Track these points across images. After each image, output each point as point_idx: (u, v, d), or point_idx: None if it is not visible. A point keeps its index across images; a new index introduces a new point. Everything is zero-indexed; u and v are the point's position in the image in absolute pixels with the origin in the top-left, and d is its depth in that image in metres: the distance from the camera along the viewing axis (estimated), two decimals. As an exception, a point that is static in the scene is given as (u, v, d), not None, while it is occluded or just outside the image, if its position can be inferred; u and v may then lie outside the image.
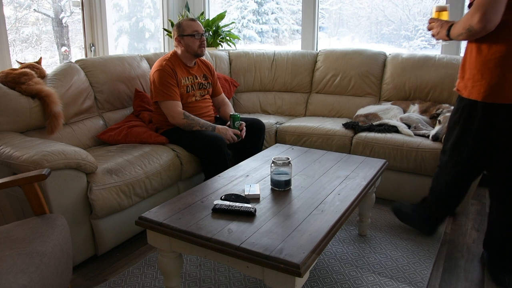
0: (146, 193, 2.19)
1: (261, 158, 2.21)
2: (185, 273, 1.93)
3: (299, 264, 1.20)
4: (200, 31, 2.55)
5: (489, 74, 1.69)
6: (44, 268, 1.22)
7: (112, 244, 2.10)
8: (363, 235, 2.28)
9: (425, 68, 2.99)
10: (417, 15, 3.76)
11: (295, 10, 4.44)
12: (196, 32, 2.53)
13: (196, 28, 2.54)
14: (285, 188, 1.76)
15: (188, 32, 2.52)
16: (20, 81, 2.19)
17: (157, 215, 1.51)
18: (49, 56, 3.41)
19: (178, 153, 2.43)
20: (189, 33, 2.52)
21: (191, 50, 2.55)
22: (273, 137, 2.99)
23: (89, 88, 2.59)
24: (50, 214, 1.52)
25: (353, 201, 1.66)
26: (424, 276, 1.91)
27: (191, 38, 2.52)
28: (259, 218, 1.50)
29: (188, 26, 2.53)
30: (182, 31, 2.53)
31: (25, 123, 2.19)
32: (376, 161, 2.17)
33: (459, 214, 2.58)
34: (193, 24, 2.54)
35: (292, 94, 3.50)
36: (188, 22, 2.55)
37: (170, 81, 2.48)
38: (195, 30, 2.53)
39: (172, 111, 2.48)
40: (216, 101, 2.85)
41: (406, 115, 2.83)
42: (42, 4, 3.28)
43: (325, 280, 1.87)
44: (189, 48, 2.54)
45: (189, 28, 2.53)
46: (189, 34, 2.52)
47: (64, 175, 1.82)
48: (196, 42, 2.54)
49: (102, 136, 2.54)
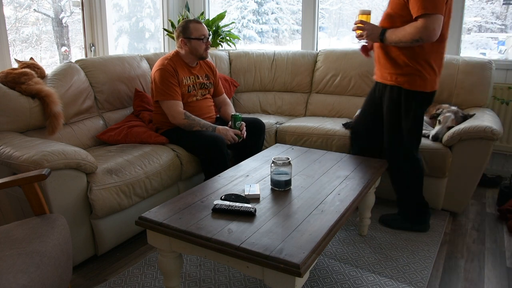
0: (146, 193, 2.19)
1: (261, 158, 2.21)
2: (185, 273, 1.93)
3: (299, 264, 1.20)
4: (207, 35, 2.56)
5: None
6: (44, 268, 1.22)
7: (112, 244, 2.10)
8: (363, 235, 2.28)
9: (425, 68, 2.98)
10: (417, 15, 3.76)
11: (295, 10, 4.44)
12: (204, 36, 2.53)
13: (203, 32, 2.53)
14: (285, 188, 1.76)
15: (196, 35, 2.51)
16: (20, 81, 2.19)
17: (157, 215, 1.51)
18: (49, 56, 3.41)
19: (178, 153, 2.43)
20: (197, 36, 2.51)
21: (197, 53, 2.55)
22: (273, 137, 2.99)
23: (89, 88, 2.59)
24: (50, 214, 1.52)
25: (353, 201, 1.66)
26: (424, 276, 1.91)
27: (198, 42, 2.52)
28: (259, 218, 1.50)
29: (196, 29, 2.52)
30: (189, 33, 2.51)
31: (25, 123, 2.19)
32: (376, 161, 2.17)
33: (459, 214, 2.59)
34: (200, 28, 2.53)
35: (292, 94, 3.50)
36: (195, 25, 2.53)
37: (171, 81, 2.48)
38: (203, 34, 2.53)
39: (173, 111, 2.48)
40: (217, 101, 2.85)
41: None
42: (42, 4, 3.28)
43: (325, 280, 1.87)
44: (195, 51, 2.54)
45: (197, 31, 2.52)
46: (197, 37, 2.51)
47: (64, 175, 1.82)
48: (203, 46, 2.54)
49: (102, 136, 2.54)
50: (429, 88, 2.08)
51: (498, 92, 3.03)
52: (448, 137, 2.43)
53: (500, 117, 2.96)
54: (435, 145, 2.48)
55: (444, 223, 2.43)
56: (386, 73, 2.14)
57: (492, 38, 3.52)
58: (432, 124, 2.73)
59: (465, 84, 2.83)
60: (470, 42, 3.53)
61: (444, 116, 2.55)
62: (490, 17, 3.46)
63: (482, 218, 2.56)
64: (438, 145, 2.48)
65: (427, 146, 2.49)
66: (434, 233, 2.31)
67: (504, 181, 2.94)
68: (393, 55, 2.07)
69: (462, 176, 2.44)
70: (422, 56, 2.02)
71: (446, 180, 2.50)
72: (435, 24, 1.88)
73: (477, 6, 3.45)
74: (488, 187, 3.05)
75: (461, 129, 2.38)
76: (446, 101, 2.90)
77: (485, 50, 3.52)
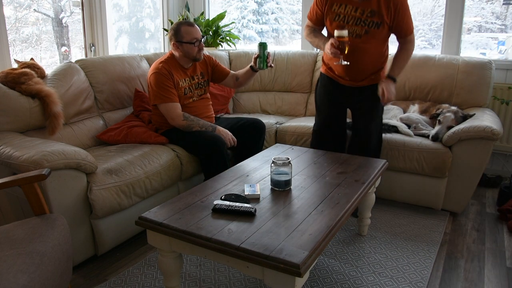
0: (146, 193, 2.19)
1: (261, 158, 2.21)
2: (185, 273, 1.93)
3: (299, 264, 1.20)
4: (199, 38, 2.51)
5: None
6: (44, 268, 1.22)
7: (112, 244, 2.10)
8: (363, 235, 2.28)
9: (425, 68, 2.98)
10: (417, 15, 3.76)
11: (295, 10, 4.44)
12: (196, 40, 2.48)
13: (195, 35, 2.48)
14: (285, 188, 1.76)
15: (187, 39, 2.47)
16: (20, 81, 2.19)
17: (157, 215, 1.51)
18: (49, 56, 3.41)
19: (178, 153, 2.43)
20: (188, 40, 2.47)
21: (190, 56, 2.52)
22: (273, 137, 2.99)
23: (89, 88, 2.59)
24: (50, 214, 1.52)
25: (353, 201, 1.66)
26: (424, 276, 1.91)
27: (190, 46, 2.48)
28: (259, 218, 1.49)
29: (187, 33, 2.47)
30: (181, 37, 2.47)
31: (25, 123, 2.19)
32: (376, 161, 2.17)
33: (459, 214, 2.59)
34: (192, 31, 2.48)
35: (292, 94, 3.50)
36: (187, 28, 2.48)
37: (167, 83, 2.46)
38: (195, 38, 2.48)
39: (171, 113, 2.47)
40: (230, 79, 2.76)
41: (406, 115, 2.83)
42: (42, 4, 3.28)
43: (325, 280, 1.87)
44: (188, 54, 2.51)
45: (188, 35, 2.47)
46: (188, 41, 2.47)
47: (64, 175, 1.82)
48: (195, 49, 2.50)
49: (102, 136, 2.54)
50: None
51: (498, 92, 3.03)
52: (448, 137, 2.43)
53: (500, 117, 2.96)
54: (435, 145, 2.48)
55: (444, 223, 2.43)
56: (370, 77, 2.39)
57: (492, 38, 3.52)
58: (432, 124, 2.73)
59: (465, 84, 2.83)
60: (470, 42, 3.53)
61: (444, 116, 2.56)
62: (490, 17, 3.46)
63: (482, 218, 2.56)
64: (438, 145, 2.48)
65: (427, 146, 2.49)
66: (434, 233, 2.31)
67: (504, 181, 2.94)
68: (378, 65, 2.38)
69: (462, 176, 2.44)
70: (385, 56, 2.42)
71: (446, 180, 2.50)
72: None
73: (477, 6, 3.45)
74: (488, 187, 3.05)
75: (461, 129, 2.38)
76: (446, 101, 2.91)
77: (485, 50, 3.52)
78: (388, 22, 2.21)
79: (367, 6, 2.19)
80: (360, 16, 2.21)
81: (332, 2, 2.27)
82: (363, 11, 2.20)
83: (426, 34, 3.78)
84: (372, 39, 2.26)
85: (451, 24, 3.16)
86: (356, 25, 2.23)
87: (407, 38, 2.29)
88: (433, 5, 3.68)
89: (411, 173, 2.58)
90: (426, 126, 2.73)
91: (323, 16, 2.33)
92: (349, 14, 2.23)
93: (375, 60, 2.36)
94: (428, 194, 2.57)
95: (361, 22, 2.22)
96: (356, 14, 2.22)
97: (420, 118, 2.78)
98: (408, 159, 2.53)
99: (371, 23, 2.21)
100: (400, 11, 2.18)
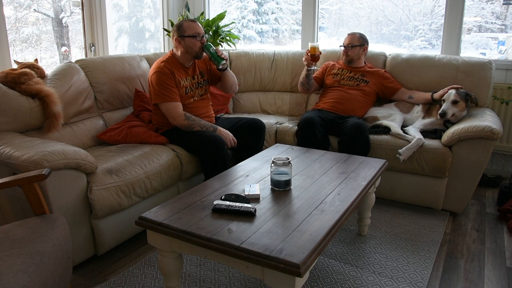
0: (146, 193, 2.19)
1: (261, 158, 2.21)
2: (185, 273, 1.93)
3: (299, 264, 1.20)
4: (201, 33, 2.54)
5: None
6: (44, 268, 1.22)
7: (112, 244, 2.10)
8: (363, 235, 2.28)
9: (425, 68, 2.98)
10: (417, 15, 3.76)
11: (295, 10, 4.44)
12: (198, 34, 2.51)
13: (197, 30, 2.52)
14: (285, 188, 1.76)
15: (189, 33, 2.50)
16: (20, 81, 2.19)
17: (157, 215, 1.51)
18: (49, 56, 3.41)
19: (178, 153, 2.43)
20: (190, 34, 2.50)
21: (192, 52, 2.54)
22: (273, 137, 2.99)
23: (89, 88, 2.59)
24: (50, 214, 1.52)
25: (353, 201, 1.66)
26: (424, 276, 1.91)
27: (192, 40, 2.51)
28: (259, 218, 1.50)
29: (189, 28, 2.51)
30: (183, 32, 2.50)
31: (25, 123, 2.19)
32: (376, 161, 2.17)
33: (459, 214, 2.59)
34: (194, 26, 2.52)
35: (292, 94, 3.50)
36: (189, 23, 2.52)
37: (168, 83, 2.47)
38: (197, 32, 2.51)
39: (173, 113, 2.47)
40: (218, 81, 2.75)
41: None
42: (42, 4, 3.28)
43: (325, 280, 1.87)
44: (190, 49, 2.53)
45: (190, 29, 2.50)
46: (191, 35, 2.50)
47: (64, 175, 1.82)
48: (197, 44, 2.52)
49: (102, 136, 2.54)
50: None
51: (498, 92, 3.03)
52: (448, 137, 2.43)
53: (500, 117, 2.96)
54: (435, 145, 2.48)
55: (444, 223, 2.43)
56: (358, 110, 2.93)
57: (492, 38, 3.52)
58: (439, 124, 2.70)
59: (465, 84, 2.82)
60: (470, 42, 3.53)
61: (447, 93, 2.63)
62: (490, 17, 3.46)
63: (482, 218, 2.56)
64: (438, 145, 2.48)
65: (427, 146, 2.49)
66: (434, 233, 2.31)
67: (504, 181, 2.94)
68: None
69: (462, 176, 2.44)
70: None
71: (446, 180, 2.50)
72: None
73: (477, 6, 3.45)
74: (488, 187, 3.05)
75: (461, 129, 2.38)
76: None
77: (485, 50, 3.52)
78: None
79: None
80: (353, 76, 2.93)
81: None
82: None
83: (426, 34, 3.78)
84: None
85: (451, 24, 3.16)
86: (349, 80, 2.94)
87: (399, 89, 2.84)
88: (433, 5, 3.68)
89: (411, 173, 2.58)
90: (425, 126, 2.71)
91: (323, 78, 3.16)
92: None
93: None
94: (428, 194, 2.57)
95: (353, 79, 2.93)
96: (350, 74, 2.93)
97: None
98: (408, 159, 2.53)
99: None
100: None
